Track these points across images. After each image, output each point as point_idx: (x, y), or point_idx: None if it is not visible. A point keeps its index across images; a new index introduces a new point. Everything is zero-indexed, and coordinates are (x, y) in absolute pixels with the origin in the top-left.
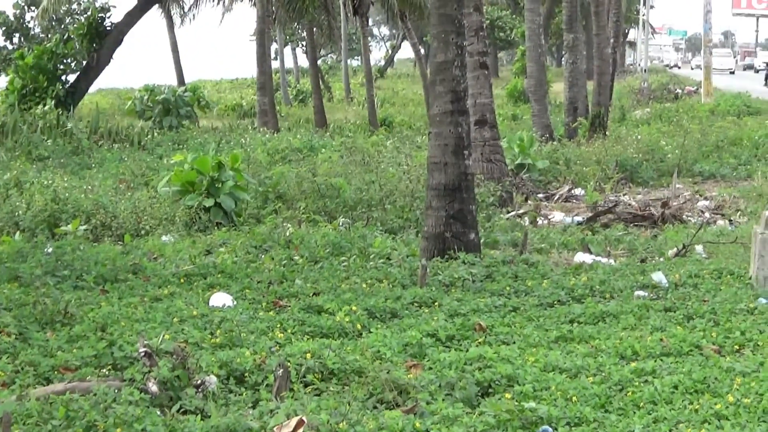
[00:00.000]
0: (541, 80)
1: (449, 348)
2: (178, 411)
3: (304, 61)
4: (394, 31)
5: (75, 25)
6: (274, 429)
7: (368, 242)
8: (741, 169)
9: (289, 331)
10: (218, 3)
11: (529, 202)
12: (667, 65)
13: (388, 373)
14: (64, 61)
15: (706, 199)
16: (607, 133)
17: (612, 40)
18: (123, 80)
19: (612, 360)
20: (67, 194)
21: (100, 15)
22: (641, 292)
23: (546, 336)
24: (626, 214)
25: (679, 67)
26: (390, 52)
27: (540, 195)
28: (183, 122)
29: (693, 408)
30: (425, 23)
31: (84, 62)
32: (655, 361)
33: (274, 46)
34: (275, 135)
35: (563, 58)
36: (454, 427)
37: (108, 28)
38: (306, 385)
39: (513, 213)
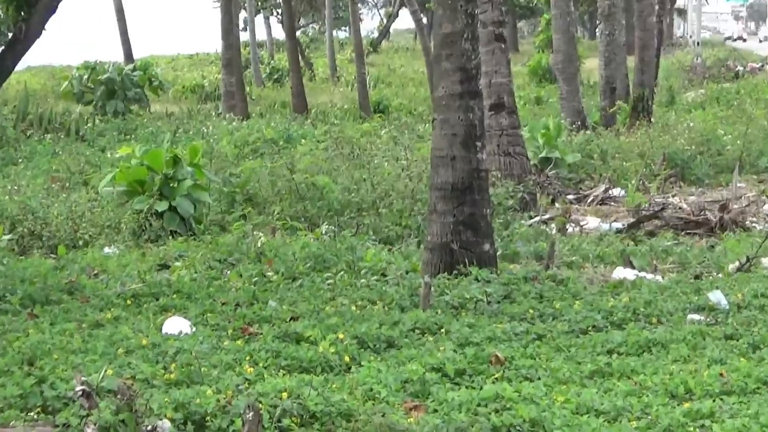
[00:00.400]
0: (571, 55)
1: (459, 385)
2: None
3: (279, 33)
4: None
5: None
6: None
7: (358, 255)
8: None
9: (260, 364)
10: None
11: (557, 204)
12: (728, 38)
13: (383, 416)
14: None
15: None
16: (652, 119)
17: (657, 7)
18: (58, 56)
19: (660, 400)
20: None
21: None
22: (695, 316)
23: (578, 370)
24: (676, 219)
25: (745, 40)
26: (385, 21)
27: (570, 196)
28: (131, 107)
29: None
30: None
31: (9, 34)
32: (714, 400)
33: (242, 15)
34: (244, 123)
35: (597, 29)
36: None
37: None
38: None
39: (537, 218)
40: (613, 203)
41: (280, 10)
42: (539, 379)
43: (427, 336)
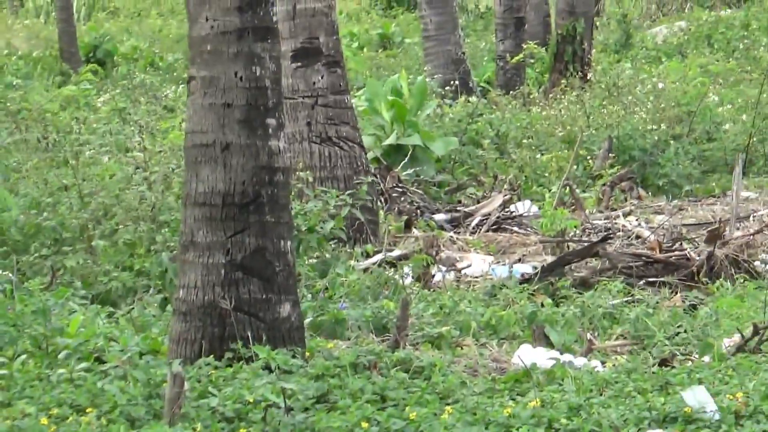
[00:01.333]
0: None
1: None
2: None
3: None
4: None
5: None
6: None
7: (55, 325)
8: None
9: None
10: None
11: (416, 231)
12: None
13: None
14: None
15: None
16: (590, 76)
17: None
18: None
19: None
20: None
21: None
22: None
23: None
24: (630, 257)
25: None
26: None
27: (440, 216)
28: None
29: None
30: None
31: None
32: None
33: None
34: None
35: None
36: None
37: None
38: None
39: (378, 257)
40: (517, 229)
41: None
42: None
43: None
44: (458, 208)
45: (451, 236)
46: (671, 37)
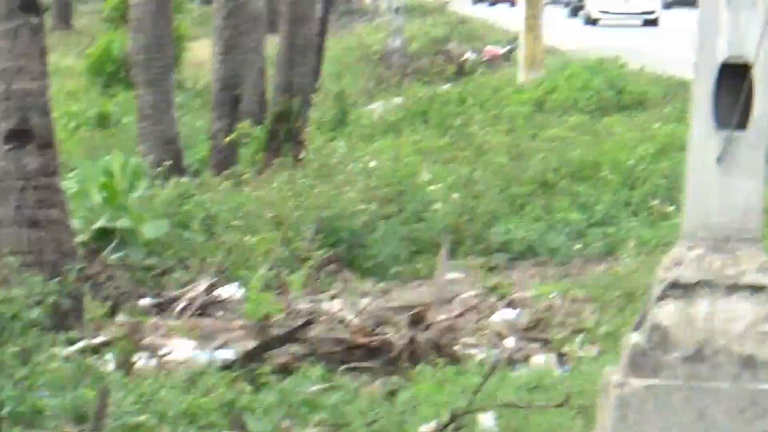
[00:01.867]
0: (162, 37)
1: None
2: None
3: None
4: None
5: None
6: None
7: None
8: (594, 235)
9: None
10: None
11: (121, 317)
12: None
13: None
14: None
15: (510, 305)
16: (302, 155)
17: None
18: None
19: None
20: None
21: None
22: None
23: None
24: (332, 343)
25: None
26: None
27: (145, 300)
28: None
29: None
30: None
31: None
32: None
33: None
34: None
35: None
36: None
37: None
38: None
39: (82, 343)
40: (222, 313)
41: None
42: None
43: None
44: (164, 293)
45: (157, 322)
46: (387, 113)
